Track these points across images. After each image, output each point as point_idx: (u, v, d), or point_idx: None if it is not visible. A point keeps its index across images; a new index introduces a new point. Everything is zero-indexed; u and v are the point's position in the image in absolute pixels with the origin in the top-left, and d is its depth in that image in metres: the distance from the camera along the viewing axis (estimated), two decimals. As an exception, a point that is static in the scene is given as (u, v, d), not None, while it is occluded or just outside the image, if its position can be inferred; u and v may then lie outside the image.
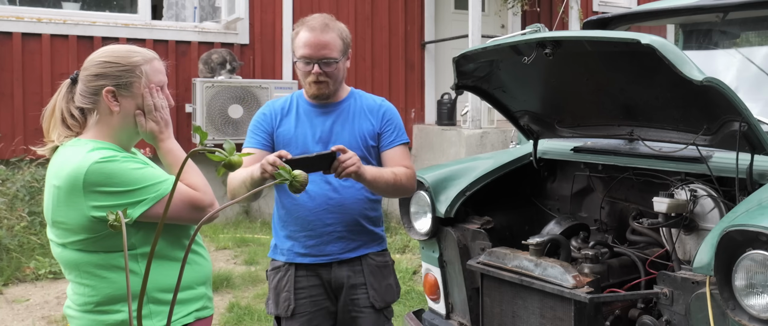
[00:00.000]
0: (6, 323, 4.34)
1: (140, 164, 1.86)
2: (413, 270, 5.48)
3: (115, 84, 1.86)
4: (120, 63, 1.88)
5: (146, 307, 1.85)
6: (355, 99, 2.61)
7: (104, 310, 1.85)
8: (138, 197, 1.79)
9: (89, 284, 1.84)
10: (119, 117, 1.89)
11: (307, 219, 2.50)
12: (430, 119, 7.97)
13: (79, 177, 1.75)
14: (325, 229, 2.51)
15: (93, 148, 1.83)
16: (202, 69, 6.61)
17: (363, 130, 2.54)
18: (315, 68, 2.46)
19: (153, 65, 1.93)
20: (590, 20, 3.64)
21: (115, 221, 1.12)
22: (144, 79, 1.89)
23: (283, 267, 2.57)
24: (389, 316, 2.66)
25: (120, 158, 1.81)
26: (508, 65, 2.72)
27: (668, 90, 2.38)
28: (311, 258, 2.53)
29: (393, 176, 2.45)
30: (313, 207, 2.49)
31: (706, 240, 2.07)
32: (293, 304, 2.52)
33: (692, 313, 2.14)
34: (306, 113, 2.57)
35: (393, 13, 7.81)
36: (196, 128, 1.15)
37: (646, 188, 2.79)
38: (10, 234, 5.27)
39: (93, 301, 1.85)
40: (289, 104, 2.60)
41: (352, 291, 2.55)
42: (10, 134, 6.17)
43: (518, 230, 3.05)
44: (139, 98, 1.89)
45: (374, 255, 2.61)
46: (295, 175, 1.20)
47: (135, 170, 1.81)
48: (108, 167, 1.77)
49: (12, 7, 6.50)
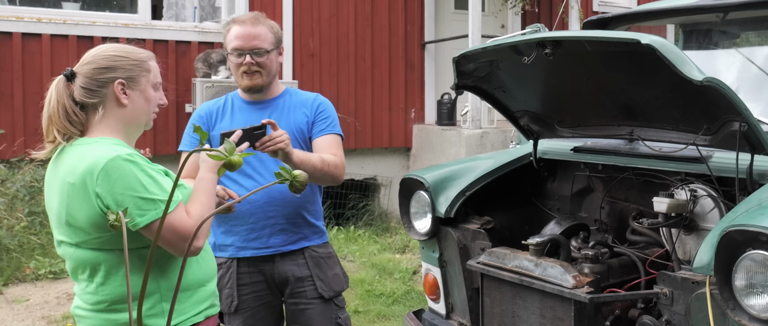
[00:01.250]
0: (6, 323, 4.34)
1: (160, 173, 1.86)
2: (413, 270, 5.48)
3: (126, 77, 1.88)
4: (130, 57, 1.91)
5: (159, 306, 1.85)
6: (290, 95, 2.66)
7: (118, 309, 1.85)
8: (150, 207, 1.76)
9: (104, 282, 1.84)
10: (127, 111, 1.90)
11: (249, 212, 2.52)
12: (430, 119, 7.97)
13: (96, 169, 1.75)
14: (267, 222, 2.53)
15: (117, 143, 1.84)
16: (200, 68, 6.60)
17: (299, 122, 2.59)
18: (247, 59, 2.51)
19: (155, 63, 1.98)
20: (590, 20, 3.64)
21: (116, 221, 1.12)
22: (151, 75, 1.93)
23: (225, 263, 2.57)
24: (341, 305, 2.68)
25: (142, 161, 1.81)
26: (508, 65, 2.72)
27: (668, 90, 2.38)
28: (253, 250, 2.55)
29: (321, 161, 2.47)
30: (254, 199, 2.50)
31: (706, 240, 2.07)
32: (236, 300, 2.55)
33: (692, 313, 2.14)
34: (241, 110, 2.61)
35: (393, 13, 7.81)
36: (197, 128, 1.15)
37: (646, 188, 2.79)
38: (10, 234, 5.27)
39: (107, 300, 1.85)
40: (224, 103, 2.65)
41: (299, 283, 2.58)
42: (10, 134, 6.16)
43: (518, 230, 3.05)
44: (145, 93, 1.92)
45: (316, 247, 2.64)
46: (295, 175, 1.18)
47: (155, 179, 1.80)
48: (130, 167, 1.76)
49: (12, 7, 6.50)
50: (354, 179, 7.73)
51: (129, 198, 1.74)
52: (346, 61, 7.56)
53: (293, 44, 7.35)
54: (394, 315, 4.64)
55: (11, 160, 6.05)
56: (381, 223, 7.37)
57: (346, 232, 6.78)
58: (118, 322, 1.85)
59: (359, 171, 7.77)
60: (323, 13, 7.39)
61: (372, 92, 7.72)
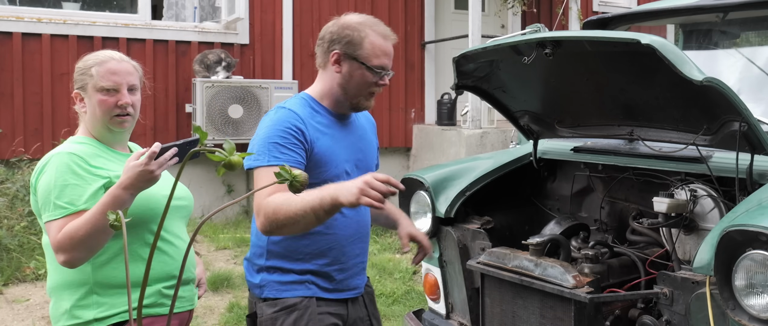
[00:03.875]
0: (6, 323, 4.34)
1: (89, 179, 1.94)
2: (413, 270, 5.47)
3: (79, 87, 2.07)
4: (80, 67, 2.07)
5: (90, 297, 1.97)
6: (355, 115, 2.33)
7: (57, 296, 2.03)
8: (49, 209, 1.91)
9: (49, 269, 2.05)
10: (87, 116, 2.07)
11: (342, 250, 2.19)
12: (430, 119, 7.97)
13: (43, 161, 1.97)
14: (355, 260, 2.24)
15: (84, 140, 2.05)
16: (199, 70, 6.60)
17: (374, 142, 2.38)
18: (386, 79, 2.17)
19: (105, 67, 2.04)
20: (590, 20, 3.64)
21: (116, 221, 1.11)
22: (95, 80, 2.03)
23: (300, 304, 2.14)
24: None
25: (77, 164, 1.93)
26: (508, 65, 2.71)
27: (668, 90, 2.38)
28: (337, 293, 2.20)
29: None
30: (348, 235, 2.19)
31: (706, 240, 2.07)
32: None
33: (692, 313, 2.14)
34: (334, 127, 2.20)
35: (393, 13, 7.81)
36: (196, 128, 1.15)
37: (646, 188, 2.78)
38: (10, 234, 5.27)
39: (50, 286, 2.04)
40: (313, 112, 2.17)
41: (359, 324, 2.30)
42: (10, 134, 6.16)
43: (518, 230, 3.05)
44: (92, 98, 2.04)
45: (368, 283, 2.40)
46: (295, 175, 1.16)
47: (67, 185, 1.91)
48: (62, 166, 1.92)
49: (12, 7, 6.50)
50: (354, 179, 7.72)
51: (43, 194, 1.92)
52: (346, 61, 7.55)
53: (293, 44, 7.35)
54: (394, 315, 4.64)
55: (11, 160, 6.05)
56: (381, 223, 7.36)
57: (346, 232, 6.77)
58: (60, 310, 2.00)
59: (359, 171, 7.76)
60: (323, 13, 7.38)
61: (372, 91, 7.71)
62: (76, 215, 1.87)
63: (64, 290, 1.99)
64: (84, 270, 1.95)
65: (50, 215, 1.89)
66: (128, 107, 2.04)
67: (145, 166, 1.83)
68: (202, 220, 1.00)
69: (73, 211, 1.88)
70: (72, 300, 1.97)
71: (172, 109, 6.82)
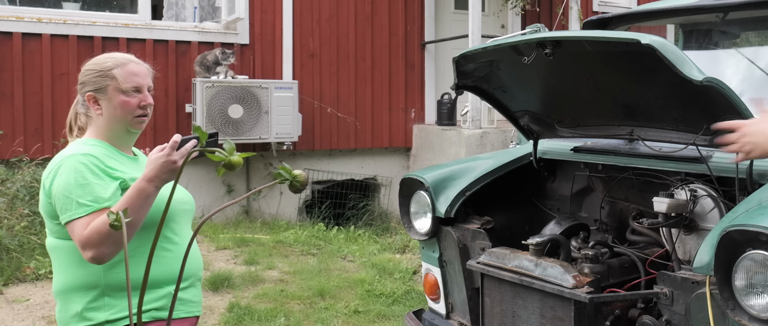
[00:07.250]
0: (6, 323, 4.34)
1: (106, 180, 1.92)
2: (413, 270, 5.48)
3: (94, 89, 2.03)
4: (95, 70, 2.04)
5: (101, 300, 1.95)
6: None
7: (67, 298, 2.00)
8: (70, 207, 1.88)
9: (57, 271, 2.03)
10: (103, 119, 2.04)
11: None
12: (430, 119, 7.97)
13: (55, 163, 1.94)
14: None
15: (96, 143, 2.02)
16: (199, 71, 6.61)
17: None
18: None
19: (126, 68, 2.04)
20: (590, 20, 3.64)
21: (116, 221, 1.12)
22: (118, 82, 2.01)
23: None
24: None
25: (94, 164, 1.92)
26: (508, 65, 2.71)
27: (668, 90, 2.38)
28: None
29: None
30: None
31: (706, 240, 2.07)
32: None
33: (692, 313, 2.14)
34: None
35: (393, 13, 7.81)
36: (196, 128, 1.15)
37: (646, 188, 2.78)
38: (10, 234, 5.26)
39: (57, 289, 2.02)
40: None
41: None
42: (10, 134, 6.16)
43: (518, 230, 3.05)
44: (113, 100, 2.02)
45: None
46: (295, 175, 1.18)
47: (88, 184, 1.89)
48: (77, 167, 1.90)
49: (12, 7, 6.50)
50: (354, 179, 7.73)
51: (61, 195, 1.89)
52: (346, 61, 7.57)
53: (293, 44, 7.35)
54: (394, 315, 4.64)
55: (11, 160, 6.05)
56: (381, 223, 7.37)
57: (346, 232, 6.78)
58: (70, 313, 1.98)
59: (359, 171, 7.77)
60: (323, 13, 7.39)
61: (372, 92, 7.72)
62: (100, 212, 1.86)
63: (74, 292, 1.97)
64: (95, 272, 1.93)
65: (73, 213, 1.87)
66: (148, 108, 2.07)
67: (168, 156, 1.88)
68: (202, 220, 1.00)
69: (97, 208, 1.87)
70: (83, 303, 1.95)
71: (172, 109, 6.82)
